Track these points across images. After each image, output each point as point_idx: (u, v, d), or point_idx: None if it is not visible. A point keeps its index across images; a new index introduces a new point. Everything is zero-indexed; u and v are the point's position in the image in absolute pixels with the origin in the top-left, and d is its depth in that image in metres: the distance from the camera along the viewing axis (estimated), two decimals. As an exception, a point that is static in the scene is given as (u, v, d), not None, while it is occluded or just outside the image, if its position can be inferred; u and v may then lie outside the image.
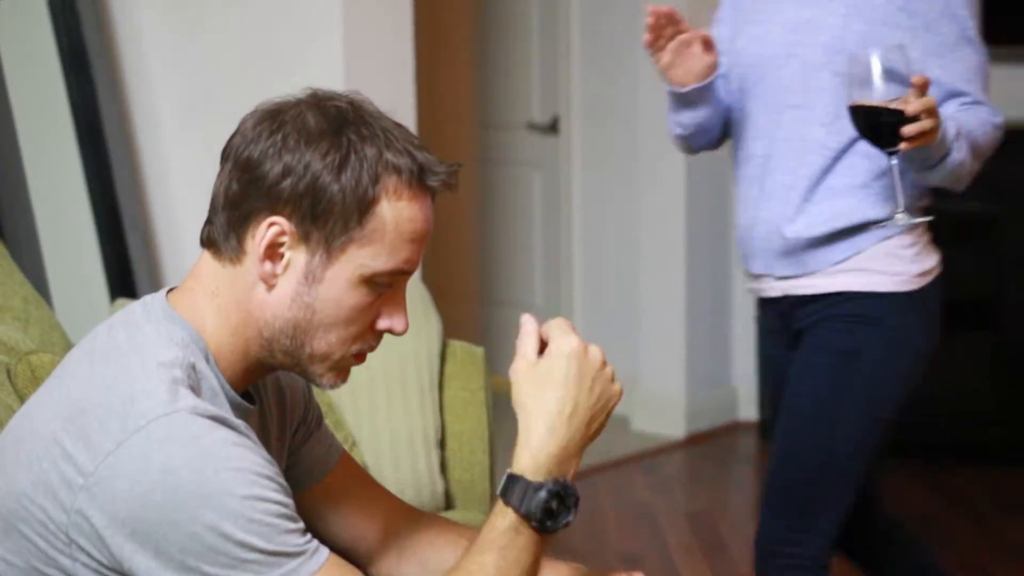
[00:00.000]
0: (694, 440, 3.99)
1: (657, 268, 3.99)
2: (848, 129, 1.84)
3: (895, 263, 1.91)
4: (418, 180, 1.24)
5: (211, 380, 1.22)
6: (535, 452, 1.21)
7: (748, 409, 4.10)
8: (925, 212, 1.94)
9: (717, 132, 2.04)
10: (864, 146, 1.86)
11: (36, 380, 1.62)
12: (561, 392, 1.22)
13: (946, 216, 2.08)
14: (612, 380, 1.25)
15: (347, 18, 2.76)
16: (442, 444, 2.28)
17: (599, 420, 1.24)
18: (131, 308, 1.27)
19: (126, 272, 2.74)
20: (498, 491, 1.22)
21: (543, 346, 1.25)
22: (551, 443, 1.21)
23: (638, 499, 3.60)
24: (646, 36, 1.88)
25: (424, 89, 3.42)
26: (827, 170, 1.91)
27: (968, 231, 3.64)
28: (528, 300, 4.43)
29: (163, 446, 1.13)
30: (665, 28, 1.87)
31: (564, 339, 1.23)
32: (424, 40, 3.67)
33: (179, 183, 2.90)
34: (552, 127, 4.26)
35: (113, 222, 2.74)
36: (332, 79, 2.68)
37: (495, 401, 2.33)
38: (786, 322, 1.99)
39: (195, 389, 1.18)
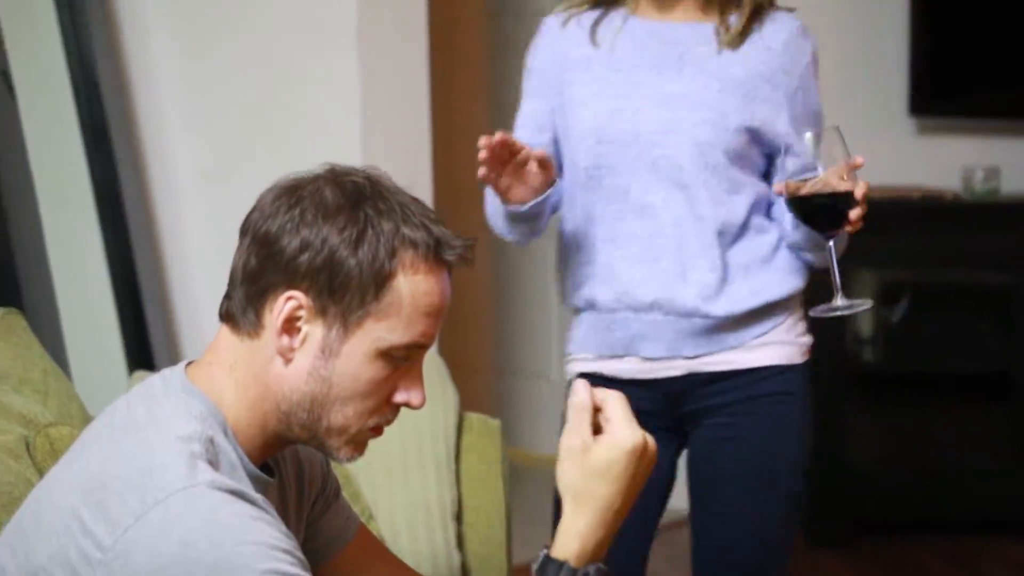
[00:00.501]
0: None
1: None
2: (742, 206, 1.85)
3: (800, 335, 1.93)
4: (435, 254, 1.25)
5: (229, 454, 1.23)
6: (584, 540, 1.21)
7: (765, 481, 4.09)
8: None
9: (547, 223, 1.96)
10: (758, 220, 1.87)
11: (55, 453, 1.63)
12: (617, 487, 1.21)
13: (961, 288, 2.09)
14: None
15: (365, 96, 2.79)
16: (459, 517, 2.27)
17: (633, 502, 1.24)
18: (150, 382, 1.28)
19: (144, 345, 2.75)
20: (534, 570, 1.21)
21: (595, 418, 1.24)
22: (599, 533, 1.21)
23: (655, 571, 3.57)
24: (481, 171, 1.78)
25: (439, 122, 3.42)
26: (731, 247, 1.87)
27: (983, 303, 3.64)
28: (544, 370, 4.42)
29: (182, 520, 1.14)
30: (501, 157, 1.78)
31: (628, 431, 1.22)
32: (438, 75, 3.71)
33: (197, 257, 2.92)
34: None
35: (132, 295, 2.76)
36: (350, 153, 2.71)
37: (512, 473, 2.32)
38: (675, 403, 1.90)
39: (213, 463, 1.19)
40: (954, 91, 3.76)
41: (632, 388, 1.83)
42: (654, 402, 1.89)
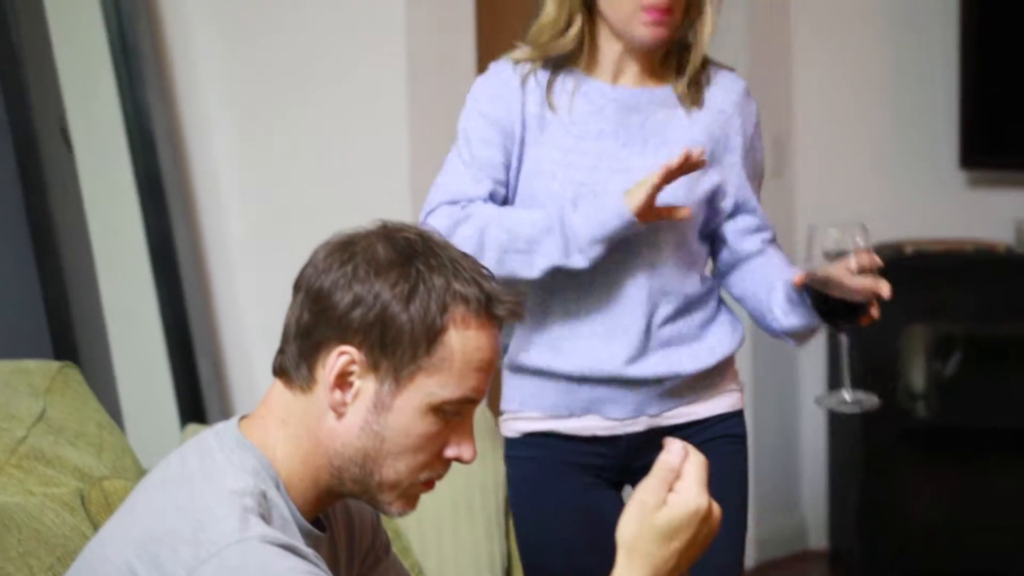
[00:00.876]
0: (763, 570, 3.92)
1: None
2: (698, 277, 1.88)
3: (738, 381, 1.96)
4: (486, 309, 1.26)
5: (282, 508, 1.23)
6: None
7: (818, 538, 4.03)
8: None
9: None
10: (708, 283, 1.90)
11: (109, 506, 1.64)
12: (675, 548, 1.21)
13: (1014, 341, 2.07)
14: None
15: (414, 156, 2.82)
16: (508, 571, 2.27)
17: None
18: (203, 436, 1.29)
19: (196, 398, 2.77)
20: None
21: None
22: None
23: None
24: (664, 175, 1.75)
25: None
26: (692, 312, 1.89)
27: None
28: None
29: (234, 574, 1.14)
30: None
31: (694, 493, 1.22)
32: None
33: (249, 311, 2.95)
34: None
35: (184, 349, 2.78)
36: (401, 213, 2.73)
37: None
38: (633, 455, 1.88)
39: (266, 517, 1.20)
40: (1005, 144, 3.74)
41: (589, 445, 1.89)
42: (611, 458, 1.89)
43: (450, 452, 1.28)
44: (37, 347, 2.35)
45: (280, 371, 1.28)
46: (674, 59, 1.89)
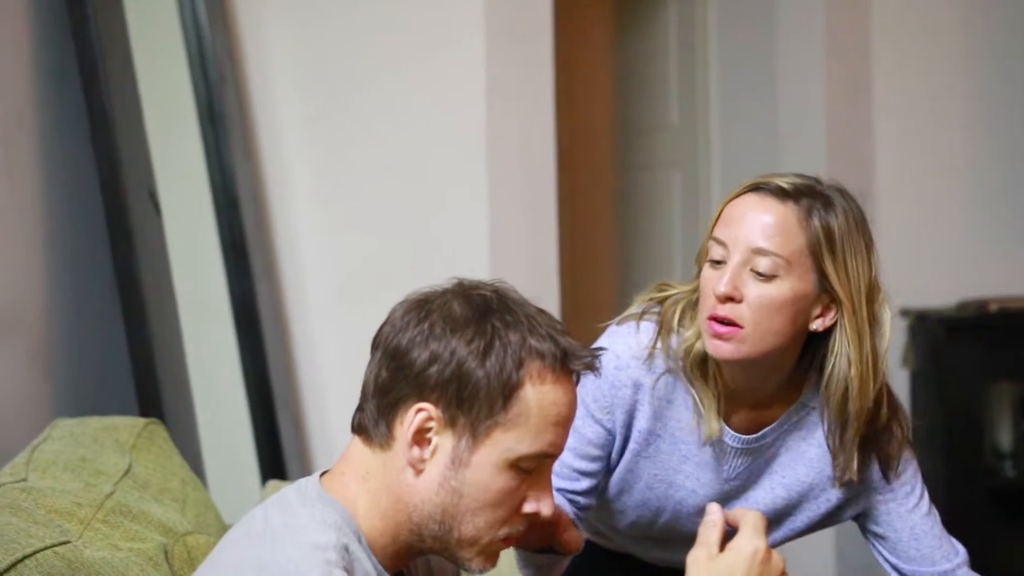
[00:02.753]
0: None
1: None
2: None
3: None
4: (561, 364, 1.27)
5: (364, 562, 1.25)
6: None
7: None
8: None
9: None
10: None
11: (192, 561, 1.67)
12: None
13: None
14: None
15: (493, 227, 2.84)
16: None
17: None
18: (285, 492, 1.31)
19: (277, 455, 2.80)
20: None
21: (728, 536, 1.26)
22: None
23: None
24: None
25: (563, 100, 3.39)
26: None
27: None
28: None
29: None
30: None
31: (753, 538, 1.24)
32: (562, 58, 3.74)
33: (329, 369, 2.98)
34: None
35: (266, 406, 2.82)
36: (479, 273, 2.75)
37: None
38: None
39: (349, 571, 1.21)
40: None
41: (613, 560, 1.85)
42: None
43: (528, 507, 1.28)
44: (123, 404, 2.40)
45: (359, 428, 1.30)
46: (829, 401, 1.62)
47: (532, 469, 1.27)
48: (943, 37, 3.90)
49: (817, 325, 1.60)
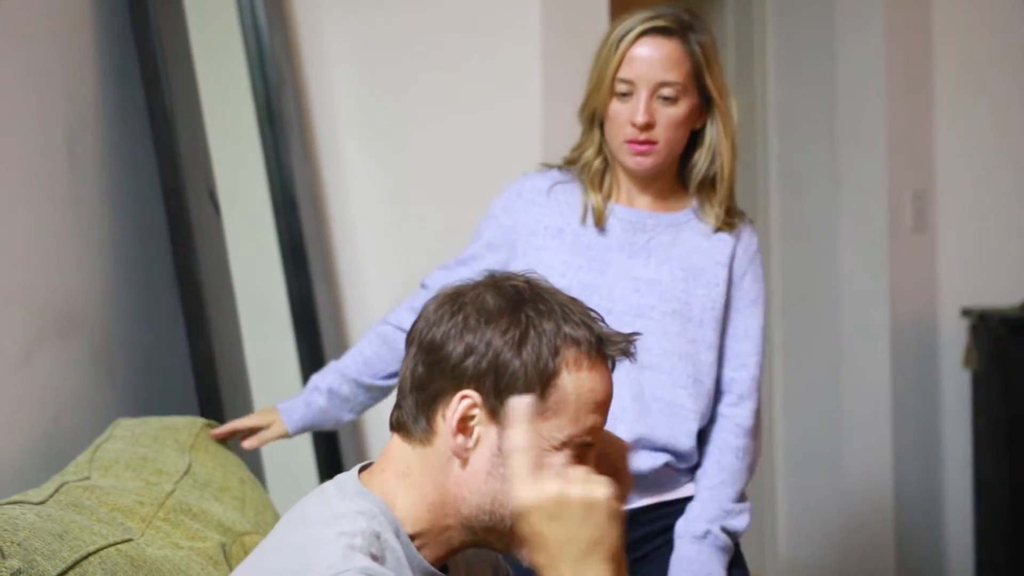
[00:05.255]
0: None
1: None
2: (707, 392, 1.98)
3: None
4: (597, 350, 1.27)
5: (397, 551, 1.25)
6: None
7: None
8: None
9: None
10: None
11: (251, 560, 1.68)
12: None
13: None
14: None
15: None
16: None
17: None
18: (324, 486, 1.33)
19: (335, 454, 2.82)
20: None
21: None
22: None
23: None
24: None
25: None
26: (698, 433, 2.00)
27: None
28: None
29: None
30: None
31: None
32: None
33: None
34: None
35: (324, 406, 2.83)
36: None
37: None
38: None
39: (378, 557, 1.22)
40: None
41: None
42: None
43: None
44: (184, 403, 2.42)
45: (398, 425, 1.31)
46: (700, 185, 2.04)
47: (574, 456, 1.27)
48: (1004, 35, 3.85)
49: (697, 126, 2.02)
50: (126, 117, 2.36)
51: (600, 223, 2.01)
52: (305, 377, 2.83)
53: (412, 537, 1.27)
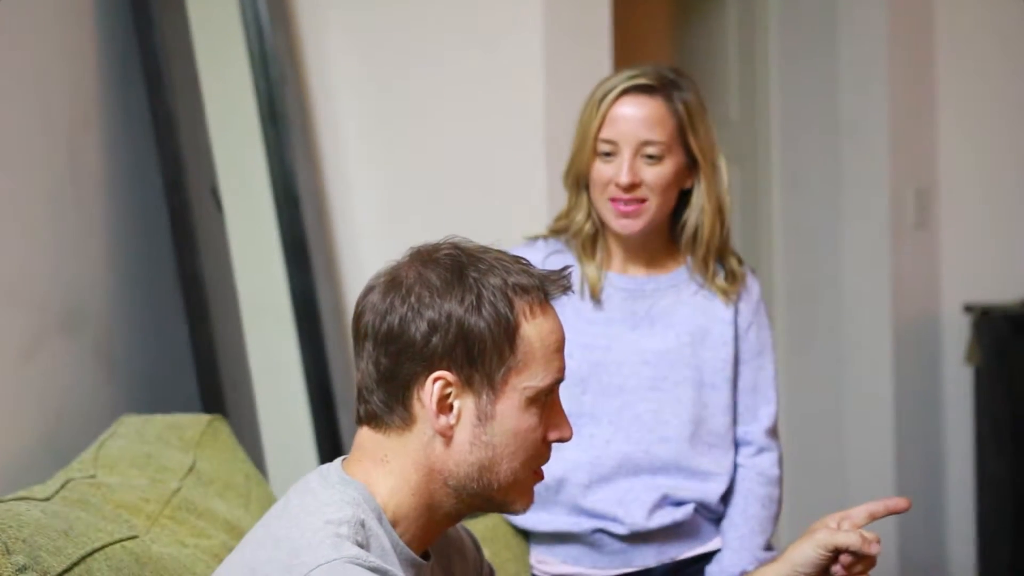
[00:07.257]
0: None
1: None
2: (726, 453, 1.99)
3: None
4: (544, 293, 1.30)
5: (382, 538, 1.26)
6: None
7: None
8: None
9: None
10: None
11: (255, 557, 1.68)
12: None
13: None
14: None
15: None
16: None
17: None
18: (308, 477, 1.34)
19: (337, 450, 2.82)
20: None
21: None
22: None
23: None
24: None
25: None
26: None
27: None
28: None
29: None
30: None
31: None
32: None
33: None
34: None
35: (326, 402, 2.84)
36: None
37: None
38: None
39: (363, 544, 1.23)
40: None
41: None
42: None
43: (552, 435, 1.32)
44: (187, 401, 2.42)
45: (368, 417, 1.31)
46: (690, 246, 1.99)
47: (548, 400, 1.30)
48: (1006, 32, 3.85)
49: (687, 185, 1.97)
50: (128, 115, 2.37)
51: (596, 295, 1.98)
52: (307, 373, 2.83)
53: (394, 524, 1.28)
